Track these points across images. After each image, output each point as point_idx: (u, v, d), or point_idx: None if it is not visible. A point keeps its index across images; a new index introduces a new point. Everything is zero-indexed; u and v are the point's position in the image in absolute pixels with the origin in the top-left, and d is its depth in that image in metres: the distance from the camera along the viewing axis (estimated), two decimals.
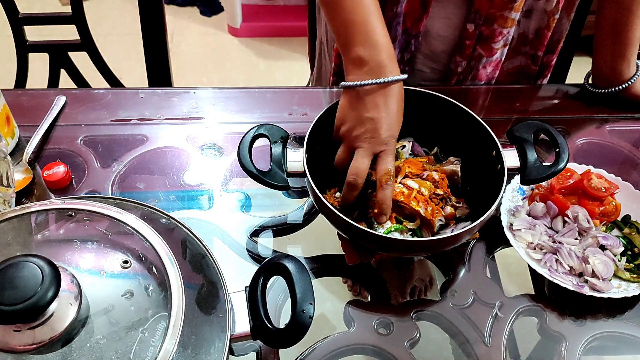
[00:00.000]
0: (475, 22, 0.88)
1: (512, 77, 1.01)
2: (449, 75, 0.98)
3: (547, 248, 0.72)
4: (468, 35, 0.90)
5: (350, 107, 0.68)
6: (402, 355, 0.64)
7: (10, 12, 1.11)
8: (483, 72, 0.96)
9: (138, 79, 1.23)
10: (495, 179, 0.69)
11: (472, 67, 0.96)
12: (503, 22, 0.88)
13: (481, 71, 0.96)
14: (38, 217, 0.53)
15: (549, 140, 0.73)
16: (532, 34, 0.94)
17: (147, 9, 1.10)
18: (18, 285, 0.41)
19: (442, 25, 0.91)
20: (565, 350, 0.66)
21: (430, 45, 0.95)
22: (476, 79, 0.97)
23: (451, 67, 0.96)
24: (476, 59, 0.94)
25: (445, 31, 0.92)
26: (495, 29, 0.89)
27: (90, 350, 0.44)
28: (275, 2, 2.61)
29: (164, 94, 0.93)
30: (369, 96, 0.66)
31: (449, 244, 0.67)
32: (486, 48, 0.92)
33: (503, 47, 0.93)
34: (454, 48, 0.94)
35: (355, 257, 0.71)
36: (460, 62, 0.94)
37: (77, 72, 1.22)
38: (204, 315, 0.52)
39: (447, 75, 0.98)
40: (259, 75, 2.37)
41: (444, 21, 0.91)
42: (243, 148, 0.69)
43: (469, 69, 0.96)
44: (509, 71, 1.00)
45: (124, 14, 2.56)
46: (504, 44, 0.93)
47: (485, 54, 0.93)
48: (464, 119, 0.74)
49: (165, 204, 0.78)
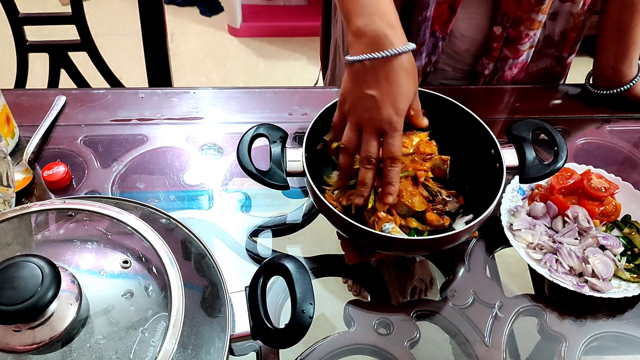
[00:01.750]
0: (502, 24, 0.88)
1: (536, 79, 1.01)
2: (475, 77, 0.97)
3: (547, 248, 0.72)
4: (495, 38, 0.90)
5: (351, 83, 0.65)
6: (402, 355, 0.64)
7: (10, 12, 1.11)
8: (509, 74, 0.96)
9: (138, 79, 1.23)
10: (494, 177, 0.69)
11: (498, 68, 0.95)
12: (530, 24, 0.88)
13: (507, 72, 0.96)
14: (38, 217, 0.53)
15: (548, 140, 0.74)
16: (558, 36, 0.94)
17: (147, 9, 1.10)
18: (18, 285, 0.41)
19: (466, 25, 0.91)
20: (565, 350, 0.66)
21: (454, 45, 0.94)
22: (502, 81, 0.97)
23: (477, 69, 0.96)
24: (502, 61, 0.94)
25: (469, 32, 0.92)
26: (522, 31, 0.89)
27: (90, 350, 0.44)
28: (275, 2, 2.61)
29: (164, 94, 0.93)
30: (368, 71, 0.63)
31: (449, 243, 0.67)
32: (513, 50, 0.92)
33: (529, 48, 0.93)
34: (479, 49, 0.94)
35: (354, 257, 0.71)
36: (487, 64, 0.94)
37: (77, 72, 1.22)
38: (204, 315, 0.52)
39: (472, 76, 0.98)
40: (259, 75, 2.37)
41: (468, 22, 0.91)
42: (242, 148, 0.69)
43: (494, 70, 0.96)
44: (534, 73, 1.00)
45: (124, 14, 2.56)
46: (530, 45, 0.93)
47: (512, 56, 0.93)
48: (464, 119, 0.74)
49: (165, 204, 0.78)
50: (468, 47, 0.94)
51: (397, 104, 0.63)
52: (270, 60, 2.44)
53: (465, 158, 0.76)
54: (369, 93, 0.63)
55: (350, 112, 0.65)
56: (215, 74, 2.36)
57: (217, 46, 2.49)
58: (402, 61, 0.63)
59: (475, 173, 0.74)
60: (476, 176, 0.74)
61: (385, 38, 0.62)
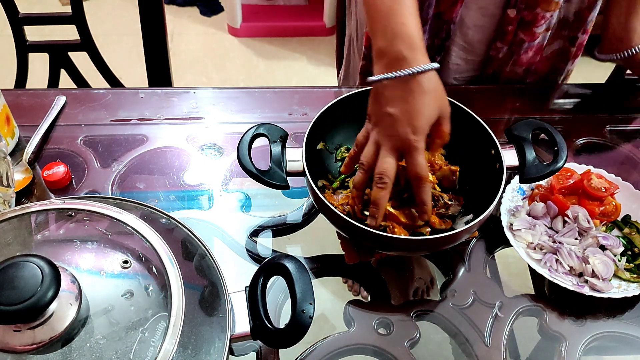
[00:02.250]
0: (517, 6, 0.86)
1: (550, 61, 0.99)
2: (489, 62, 0.95)
3: (547, 248, 0.72)
4: (509, 21, 0.88)
5: (373, 102, 0.66)
6: (402, 355, 0.64)
7: (10, 12, 1.11)
8: (524, 57, 0.94)
9: (138, 79, 1.23)
10: (495, 177, 0.69)
11: (513, 52, 0.93)
12: (547, 6, 0.86)
13: (522, 56, 0.94)
14: (38, 217, 0.53)
15: (548, 140, 0.74)
16: (572, 16, 0.92)
17: (147, 9, 1.10)
18: (18, 285, 0.41)
19: (478, 14, 0.89)
20: (565, 350, 0.66)
21: (466, 36, 0.93)
22: (517, 65, 0.95)
23: (491, 53, 0.94)
24: (517, 44, 0.92)
25: (481, 20, 0.90)
26: (538, 13, 0.86)
27: (90, 350, 0.44)
28: (275, 2, 2.61)
29: (164, 94, 0.93)
30: (387, 90, 0.64)
31: (449, 243, 0.67)
32: (528, 33, 0.90)
33: (545, 31, 0.91)
34: (492, 37, 0.92)
35: (354, 257, 0.71)
36: (501, 47, 0.92)
37: (77, 72, 1.22)
38: (204, 315, 0.52)
39: (486, 63, 0.96)
40: (259, 75, 2.37)
41: (480, 11, 0.89)
42: (242, 147, 0.69)
43: (509, 54, 0.94)
44: (548, 56, 0.98)
45: (124, 14, 2.56)
46: (547, 27, 0.90)
47: (527, 39, 0.91)
48: (464, 118, 0.74)
49: (165, 204, 0.78)
50: (481, 36, 0.92)
51: (414, 122, 0.62)
52: (270, 60, 2.44)
53: (465, 158, 0.76)
54: (387, 111, 0.63)
55: (372, 130, 0.66)
56: (215, 74, 2.36)
57: (217, 46, 2.49)
58: (420, 80, 0.63)
59: (475, 173, 0.74)
60: (476, 176, 0.74)
61: (404, 59, 0.63)
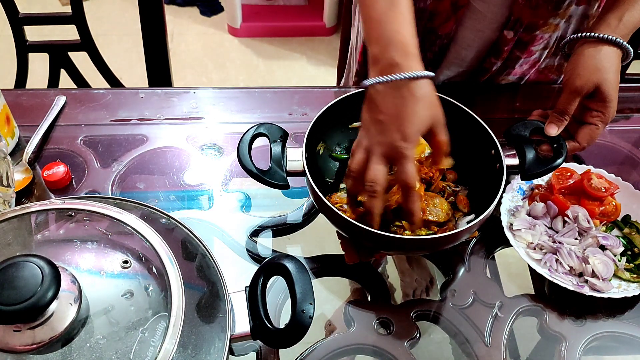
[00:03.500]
0: (515, 29, 0.86)
1: (543, 74, 0.99)
2: (480, 72, 0.95)
3: (547, 248, 0.72)
4: (506, 42, 0.88)
5: (365, 108, 0.65)
6: (402, 355, 0.64)
7: (10, 12, 1.11)
8: (519, 70, 0.95)
9: (138, 79, 1.23)
10: (495, 177, 0.69)
11: (507, 66, 0.94)
12: (546, 28, 0.86)
13: (517, 69, 0.94)
14: (38, 217, 0.53)
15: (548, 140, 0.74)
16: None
17: (147, 9, 1.10)
18: (18, 285, 0.41)
19: (473, 36, 0.90)
20: (565, 350, 0.66)
21: (459, 54, 0.94)
22: (510, 75, 0.96)
23: (485, 65, 0.94)
24: (513, 60, 0.92)
25: (477, 41, 0.91)
26: (537, 34, 0.87)
27: (90, 350, 0.44)
28: (275, 2, 2.61)
29: (164, 94, 0.93)
30: (379, 96, 0.63)
31: (449, 243, 0.67)
32: (525, 51, 0.90)
33: (543, 49, 0.91)
34: (486, 53, 0.92)
35: (354, 257, 0.71)
36: (495, 62, 0.92)
37: (77, 72, 1.22)
38: (204, 315, 0.52)
39: (478, 72, 0.96)
40: (259, 75, 2.37)
41: (478, 34, 0.89)
42: (242, 147, 0.69)
43: (503, 67, 0.94)
44: (541, 70, 0.98)
45: (124, 14, 2.56)
46: (544, 47, 0.91)
47: (523, 56, 0.91)
48: (464, 119, 0.74)
49: (165, 204, 0.78)
50: (475, 54, 0.93)
51: (403, 129, 0.60)
52: (270, 60, 2.44)
53: (465, 158, 0.76)
54: (378, 117, 0.62)
55: (363, 137, 0.65)
56: (215, 74, 2.36)
57: (217, 46, 2.49)
58: (411, 87, 0.62)
59: (476, 173, 0.75)
60: (476, 176, 0.74)
61: (397, 66, 0.62)
